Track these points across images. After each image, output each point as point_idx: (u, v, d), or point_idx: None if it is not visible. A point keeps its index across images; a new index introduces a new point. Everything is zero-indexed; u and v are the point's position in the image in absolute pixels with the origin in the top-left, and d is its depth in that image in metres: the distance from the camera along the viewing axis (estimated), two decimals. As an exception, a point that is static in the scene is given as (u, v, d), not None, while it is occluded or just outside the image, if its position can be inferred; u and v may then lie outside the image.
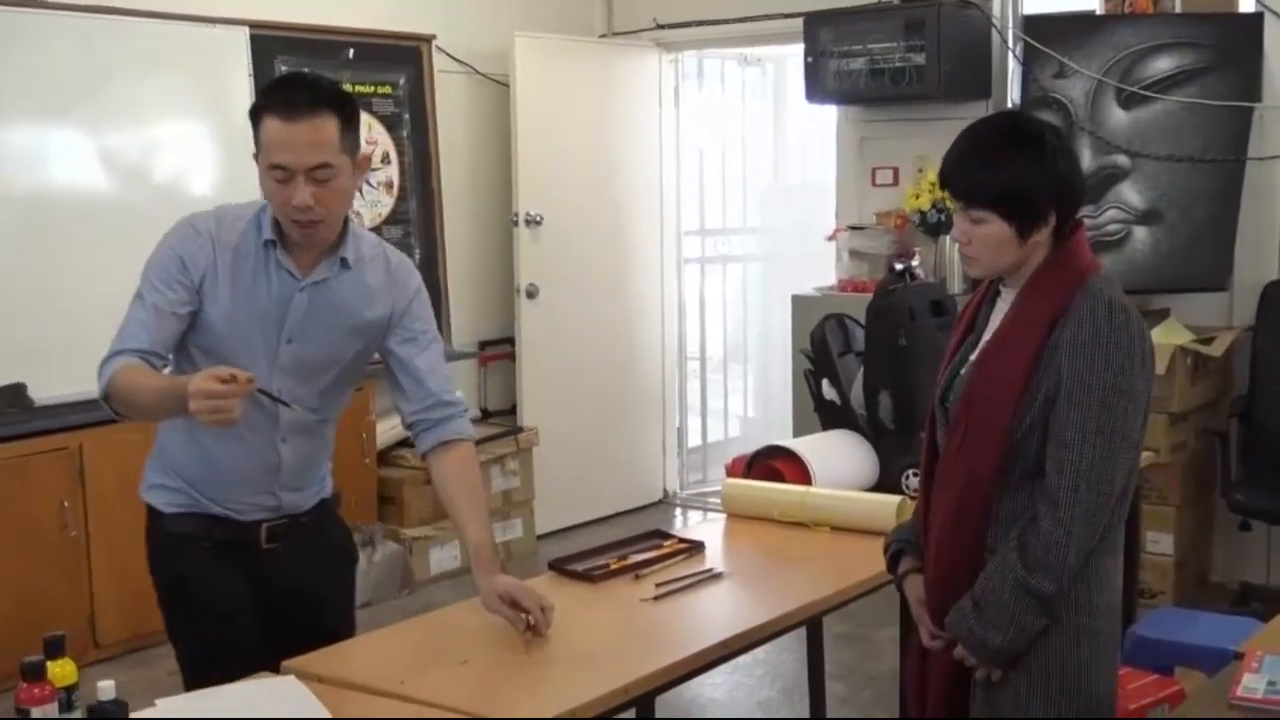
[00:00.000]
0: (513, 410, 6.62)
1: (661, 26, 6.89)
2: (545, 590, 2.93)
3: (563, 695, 2.34)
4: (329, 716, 2.24)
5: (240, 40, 5.51)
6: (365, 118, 5.90)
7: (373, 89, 6.02)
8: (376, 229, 6.02)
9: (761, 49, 7.32)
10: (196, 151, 5.46)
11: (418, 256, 6.21)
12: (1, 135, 4.93)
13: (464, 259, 6.50)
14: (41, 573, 4.79)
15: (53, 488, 4.84)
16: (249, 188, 5.77)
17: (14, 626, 4.48)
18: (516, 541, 6.32)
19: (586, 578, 2.98)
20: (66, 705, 2.05)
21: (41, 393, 4.82)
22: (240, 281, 2.64)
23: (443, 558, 5.99)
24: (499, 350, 6.69)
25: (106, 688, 2.04)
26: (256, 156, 2.60)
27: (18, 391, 4.81)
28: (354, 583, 3.09)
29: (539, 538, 6.45)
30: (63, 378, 4.73)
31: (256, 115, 2.59)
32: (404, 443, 6.02)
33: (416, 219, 6.23)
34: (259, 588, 2.78)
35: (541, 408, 6.54)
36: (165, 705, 2.29)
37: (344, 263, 2.70)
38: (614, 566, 3.03)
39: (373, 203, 6.03)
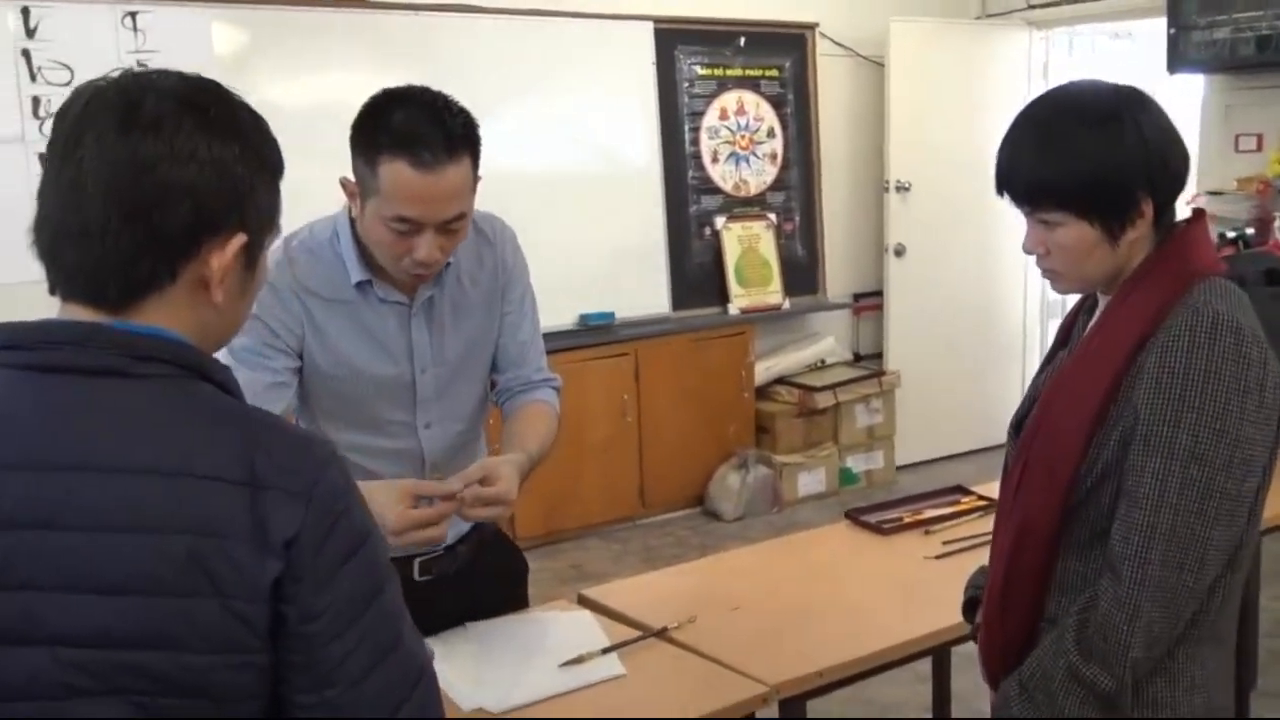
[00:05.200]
0: (880, 355, 6.20)
1: (1033, 6, 6.18)
2: (839, 539, 2.63)
3: (813, 652, 2.02)
4: (602, 648, 2.01)
5: (646, 33, 5.35)
6: (753, 97, 5.67)
7: (761, 72, 5.71)
8: (760, 195, 5.75)
9: (1133, 23, 6.43)
10: (612, 133, 5.34)
11: (798, 220, 5.90)
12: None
13: (840, 221, 6.11)
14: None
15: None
16: (647, 160, 5.61)
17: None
18: (877, 471, 5.93)
19: (878, 529, 2.62)
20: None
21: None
22: (344, 328, 1.99)
23: (809, 481, 5.70)
24: (869, 302, 6.27)
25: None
26: (361, 196, 1.87)
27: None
28: (525, 600, 2.31)
29: (898, 469, 6.03)
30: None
31: (371, 151, 1.82)
32: (779, 380, 5.77)
33: (797, 186, 5.89)
34: None
35: (906, 353, 6.09)
36: (473, 627, 2.12)
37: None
38: (907, 520, 2.66)
39: (758, 171, 5.74)
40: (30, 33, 3.94)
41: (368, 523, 1.10)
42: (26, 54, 3.95)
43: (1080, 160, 1.48)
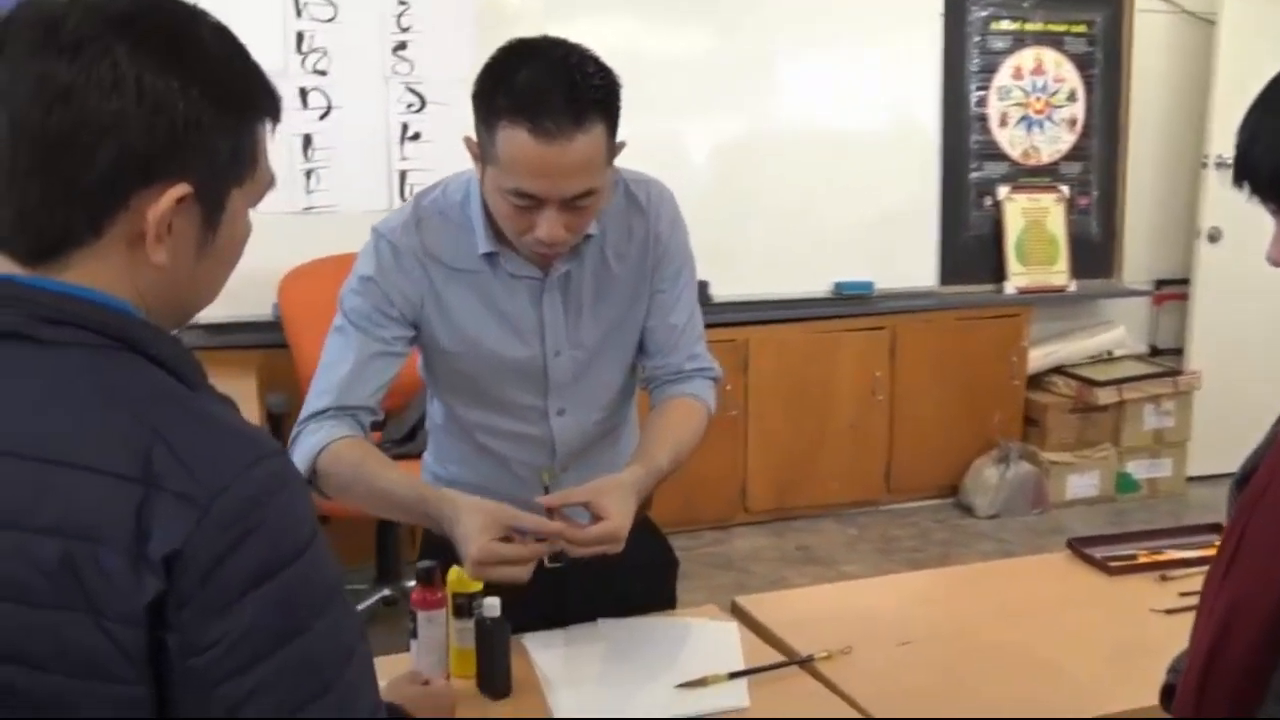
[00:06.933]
0: (1180, 351, 5.50)
1: None
2: (1054, 572, 2.24)
3: (979, 714, 1.68)
4: (729, 672, 1.76)
5: (935, -21, 4.88)
6: (1055, 55, 5.11)
7: (1066, 27, 5.11)
8: (1052, 165, 5.18)
9: None
10: (888, 88, 4.90)
11: (1095, 194, 5.28)
12: (731, 70, 4.57)
13: (1145, 198, 5.42)
14: (704, 446, 4.67)
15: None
16: (925, 119, 5.12)
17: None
18: (1164, 481, 5.29)
19: (1103, 566, 2.21)
20: (467, 611, 1.74)
21: (720, 290, 4.56)
22: (468, 302, 1.79)
23: (1080, 484, 5.14)
24: (1173, 291, 5.56)
25: (492, 604, 1.71)
26: (482, 160, 1.67)
27: (702, 289, 4.62)
28: (673, 599, 2.09)
29: (1189, 480, 5.34)
30: (738, 279, 4.54)
31: (490, 113, 1.60)
32: (1057, 370, 5.22)
33: (1097, 156, 5.27)
34: (537, 618, 1.85)
35: (1212, 351, 5.36)
36: (605, 624, 1.92)
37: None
38: (1141, 559, 2.23)
39: (1052, 138, 5.17)
40: (298, -32, 4.00)
41: (299, 540, 0.90)
42: (294, -12, 4.01)
43: None
